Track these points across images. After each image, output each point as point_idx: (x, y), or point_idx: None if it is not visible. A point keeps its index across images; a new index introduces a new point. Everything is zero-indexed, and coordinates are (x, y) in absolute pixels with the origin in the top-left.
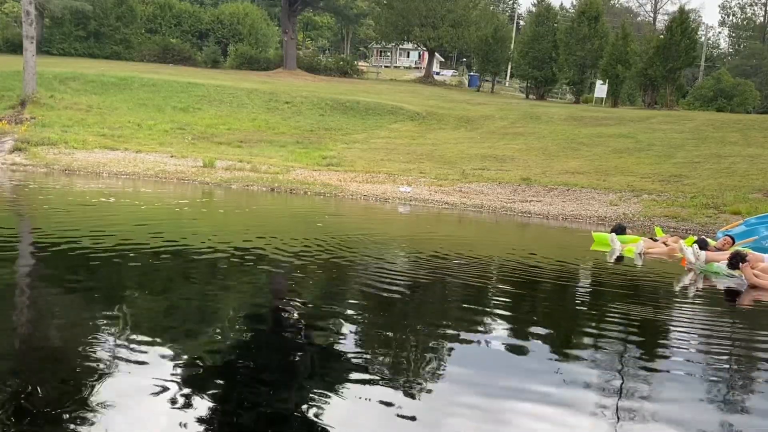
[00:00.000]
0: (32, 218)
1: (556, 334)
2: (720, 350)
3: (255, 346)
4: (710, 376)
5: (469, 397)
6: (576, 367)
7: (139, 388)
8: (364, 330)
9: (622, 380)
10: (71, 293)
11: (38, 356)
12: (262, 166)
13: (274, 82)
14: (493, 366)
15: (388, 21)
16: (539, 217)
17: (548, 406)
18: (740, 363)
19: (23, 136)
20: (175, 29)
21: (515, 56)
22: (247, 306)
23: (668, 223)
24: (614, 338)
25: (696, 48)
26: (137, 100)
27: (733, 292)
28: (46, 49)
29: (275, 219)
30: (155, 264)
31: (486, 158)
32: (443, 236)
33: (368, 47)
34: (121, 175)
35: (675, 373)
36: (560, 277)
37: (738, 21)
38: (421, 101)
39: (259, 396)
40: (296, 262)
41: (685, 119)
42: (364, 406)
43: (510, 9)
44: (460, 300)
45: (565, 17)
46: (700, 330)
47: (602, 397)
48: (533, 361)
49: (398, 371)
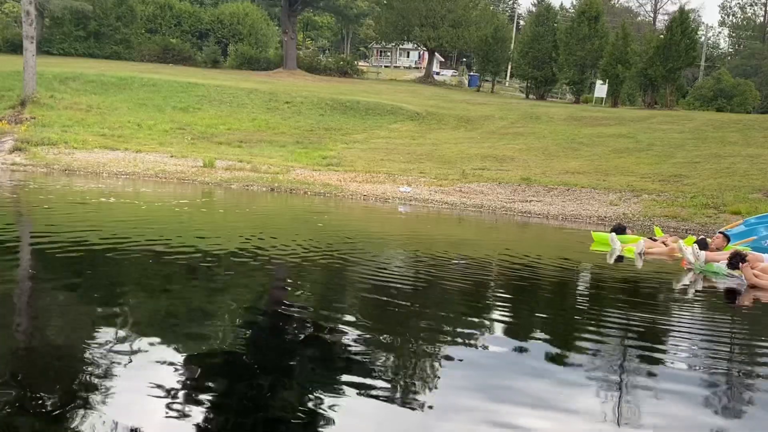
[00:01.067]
0: (32, 218)
1: (556, 335)
2: (720, 351)
3: (255, 347)
4: (710, 377)
5: (469, 398)
6: (576, 368)
7: (139, 388)
8: (363, 330)
9: (622, 381)
10: (71, 293)
11: (38, 356)
12: (262, 166)
13: (274, 82)
14: (493, 366)
15: (388, 21)
16: (539, 217)
17: (548, 406)
18: (741, 364)
19: (23, 136)
20: (175, 29)
21: (515, 56)
22: (247, 306)
23: (668, 223)
24: (614, 339)
25: (696, 48)
26: (137, 100)
27: (733, 293)
28: (46, 49)
29: (275, 219)
30: (155, 264)
31: (486, 158)
32: (443, 236)
33: (368, 47)
34: (121, 175)
35: (675, 374)
36: (560, 277)
37: (738, 21)
38: (421, 101)
39: (259, 397)
40: (296, 262)
41: (685, 119)
42: (364, 407)
43: (510, 9)
44: (460, 300)
45: (565, 17)
46: (700, 330)
47: (602, 397)
48: (533, 362)
49: (398, 372)
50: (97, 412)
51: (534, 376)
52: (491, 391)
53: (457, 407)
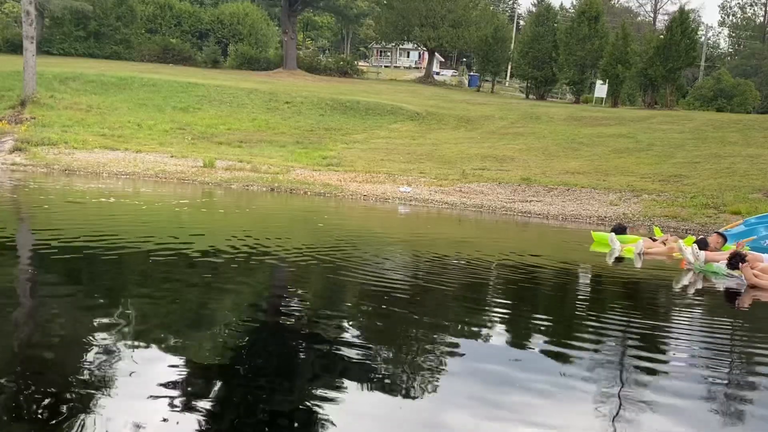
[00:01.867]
0: (32, 218)
1: (556, 336)
2: (720, 351)
3: (255, 347)
4: (710, 377)
5: (469, 398)
6: (576, 369)
7: (139, 389)
8: (363, 330)
9: (622, 382)
10: (70, 293)
11: (37, 356)
12: (262, 166)
13: (274, 82)
14: (493, 366)
15: (388, 21)
16: (539, 217)
17: (547, 407)
18: (741, 364)
19: (23, 136)
20: (175, 29)
21: (515, 56)
22: (247, 306)
23: (668, 223)
24: (613, 340)
25: (696, 48)
26: (137, 100)
27: (733, 293)
28: (46, 49)
29: (275, 219)
30: (155, 264)
31: (486, 158)
32: (443, 236)
33: (368, 47)
34: (121, 175)
35: (675, 375)
36: (559, 277)
37: (738, 21)
38: (421, 101)
39: (259, 397)
40: (297, 263)
41: (685, 119)
42: (364, 407)
43: (510, 9)
44: (460, 301)
45: (565, 17)
46: (699, 331)
47: (601, 398)
48: (533, 362)
49: (398, 372)
50: (97, 413)
51: (534, 377)
52: (491, 391)
53: (458, 407)
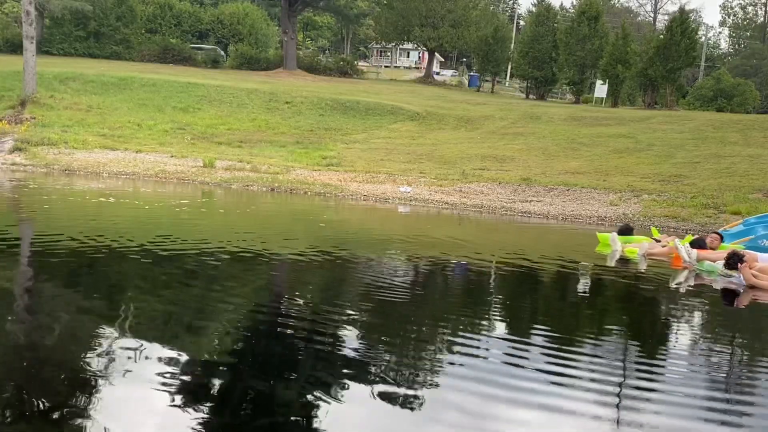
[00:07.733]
0: (32, 218)
1: (555, 336)
2: (720, 351)
3: (255, 347)
4: (710, 378)
5: (469, 399)
6: (575, 370)
7: (139, 389)
8: (363, 331)
9: (621, 383)
10: (70, 293)
11: (37, 356)
12: (262, 166)
13: (274, 82)
14: (493, 366)
15: (388, 21)
16: (539, 217)
17: (547, 408)
18: (740, 364)
19: (23, 136)
20: (175, 29)
21: (515, 56)
22: (247, 307)
23: (668, 223)
24: (613, 340)
25: (696, 48)
26: (137, 100)
27: (732, 293)
28: (46, 49)
29: (275, 219)
30: (155, 264)
31: (486, 158)
32: (443, 236)
33: (368, 47)
34: (121, 175)
35: (675, 374)
36: (560, 278)
37: (738, 21)
38: (421, 101)
39: (259, 397)
40: (297, 263)
41: (685, 119)
42: (364, 407)
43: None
44: (459, 301)
45: (565, 17)
46: (699, 331)
47: (601, 399)
48: (532, 362)
49: (398, 372)
50: (97, 413)
51: (533, 377)
52: (491, 392)
53: (458, 407)
